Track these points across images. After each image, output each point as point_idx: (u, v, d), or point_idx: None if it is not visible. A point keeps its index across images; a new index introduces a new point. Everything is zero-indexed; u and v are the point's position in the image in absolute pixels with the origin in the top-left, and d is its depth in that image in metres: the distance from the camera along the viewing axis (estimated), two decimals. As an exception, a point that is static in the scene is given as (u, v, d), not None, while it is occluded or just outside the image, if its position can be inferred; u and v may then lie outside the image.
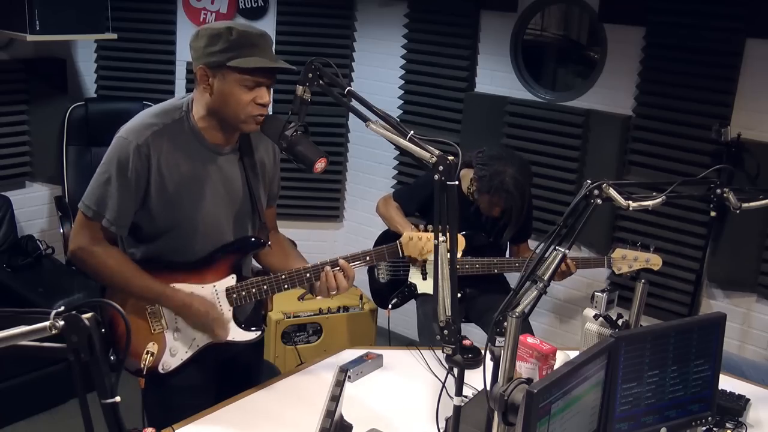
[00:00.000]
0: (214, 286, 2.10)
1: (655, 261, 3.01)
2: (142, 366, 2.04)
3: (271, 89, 2.00)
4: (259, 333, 2.18)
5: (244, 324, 2.16)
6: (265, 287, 2.11)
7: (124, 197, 1.97)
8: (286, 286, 2.11)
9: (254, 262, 2.33)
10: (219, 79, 1.94)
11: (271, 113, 2.01)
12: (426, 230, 2.20)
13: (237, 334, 2.14)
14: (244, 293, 2.11)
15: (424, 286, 3.27)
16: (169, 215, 2.02)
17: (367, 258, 2.16)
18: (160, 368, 2.09)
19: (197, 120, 2.03)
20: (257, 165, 2.16)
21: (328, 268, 2.09)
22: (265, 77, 1.95)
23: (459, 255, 2.08)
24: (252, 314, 2.27)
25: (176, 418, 1.99)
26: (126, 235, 2.06)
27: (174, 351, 2.09)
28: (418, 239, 2.17)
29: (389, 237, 3.34)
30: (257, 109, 1.96)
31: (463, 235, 2.29)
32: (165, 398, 2.13)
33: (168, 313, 2.08)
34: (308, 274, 2.11)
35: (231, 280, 2.12)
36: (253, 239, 2.18)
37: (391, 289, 3.33)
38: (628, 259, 3.01)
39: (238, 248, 2.15)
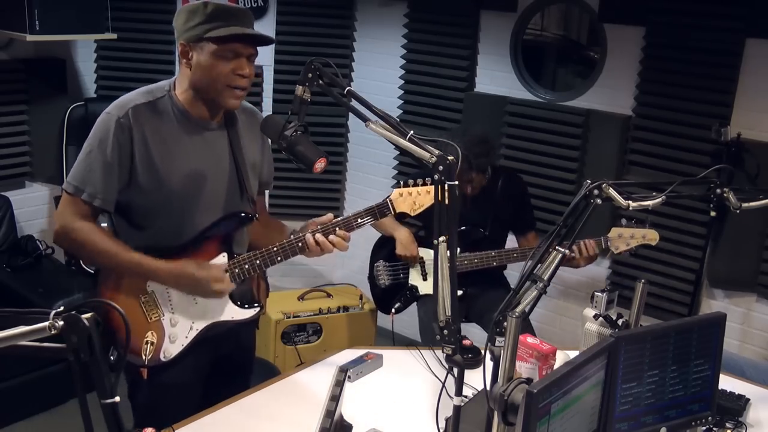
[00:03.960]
0: None
1: (651, 236, 2.97)
2: (143, 357, 2.03)
3: (253, 62, 2.02)
4: (257, 309, 2.18)
5: (241, 302, 2.16)
6: (258, 262, 2.09)
7: (106, 170, 1.98)
8: (279, 258, 2.09)
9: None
10: (198, 52, 1.98)
11: (271, 113, 2.02)
12: (416, 185, 2.14)
13: (236, 312, 2.15)
14: (237, 270, 2.09)
15: (426, 288, 3.26)
16: (161, 189, 2.02)
17: (359, 220, 2.12)
18: (161, 356, 2.07)
19: (180, 96, 2.05)
20: (243, 141, 2.16)
21: (318, 236, 2.07)
22: (242, 46, 1.97)
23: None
24: (248, 293, 2.24)
25: (163, 416, 1.96)
26: (111, 210, 2.04)
27: (174, 337, 2.08)
28: (408, 194, 2.14)
29: (386, 241, 3.35)
30: (236, 79, 1.98)
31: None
32: (152, 397, 2.11)
33: (162, 300, 2.07)
34: (300, 243, 2.09)
35: (222, 259, 2.10)
36: (240, 213, 2.15)
37: (393, 293, 3.33)
38: (624, 237, 2.98)
39: (226, 224, 2.12)
